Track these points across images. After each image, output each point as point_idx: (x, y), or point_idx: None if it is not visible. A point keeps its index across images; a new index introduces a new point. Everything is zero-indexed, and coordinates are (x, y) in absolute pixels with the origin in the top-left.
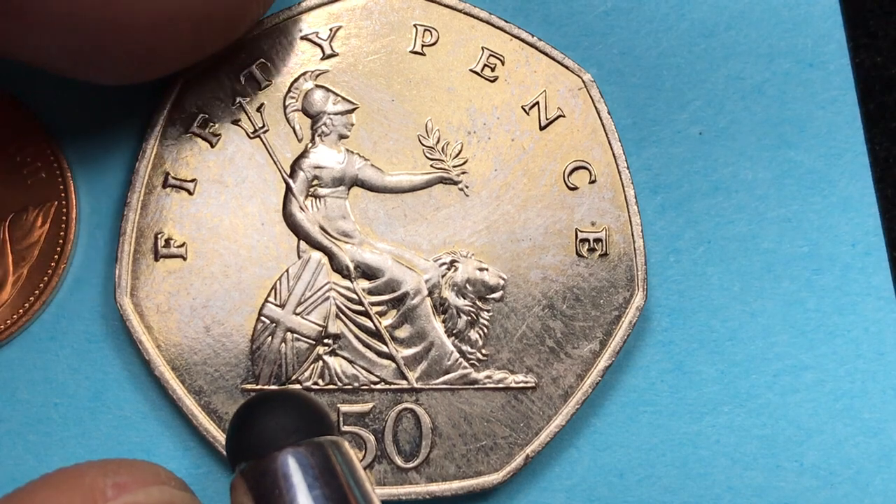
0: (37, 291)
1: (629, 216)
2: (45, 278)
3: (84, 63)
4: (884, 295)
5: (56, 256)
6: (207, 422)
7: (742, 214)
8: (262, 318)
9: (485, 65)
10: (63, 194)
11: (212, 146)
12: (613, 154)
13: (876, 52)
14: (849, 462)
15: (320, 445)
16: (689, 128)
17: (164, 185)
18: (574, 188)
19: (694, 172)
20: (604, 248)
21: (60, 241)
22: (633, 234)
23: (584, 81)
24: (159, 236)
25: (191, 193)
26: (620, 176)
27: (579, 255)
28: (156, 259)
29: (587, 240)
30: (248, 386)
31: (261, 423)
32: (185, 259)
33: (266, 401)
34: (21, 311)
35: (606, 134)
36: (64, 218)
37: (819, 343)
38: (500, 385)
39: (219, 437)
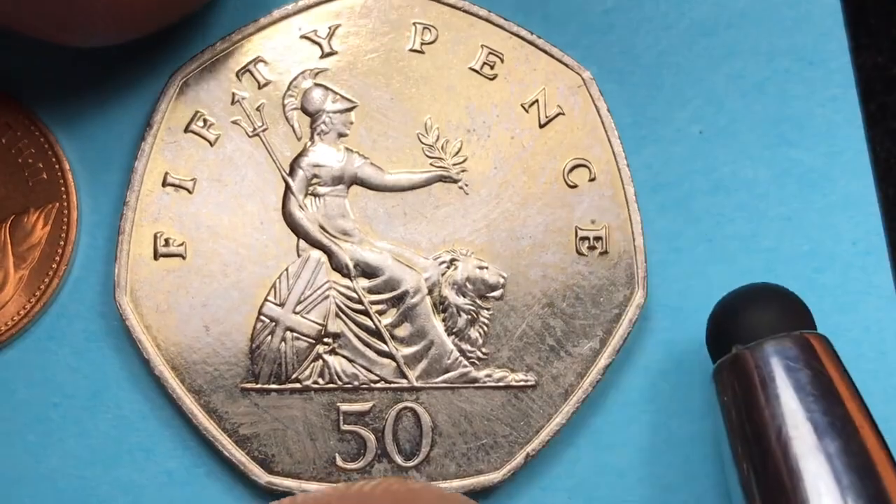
0: (37, 293)
1: (629, 214)
2: (46, 280)
3: (51, 20)
4: (885, 294)
5: (57, 258)
6: (207, 421)
7: (742, 213)
8: (262, 317)
9: (484, 63)
10: (64, 196)
11: (211, 145)
12: (613, 152)
13: (877, 53)
14: None
15: (803, 338)
16: (689, 126)
17: (164, 184)
18: (574, 186)
19: (694, 171)
20: (604, 246)
21: (61, 243)
22: (633, 232)
23: (583, 79)
24: (158, 235)
25: (190, 192)
26: (620, 174)
27: (579, 253)
28: (155, 258)
29: (587, 238)
30: (248, 385)
31: (747, 314)
32: (184, 258)
33: (752, 295)
34: (22, 312)
35: (606, 132)
36: (65, 219)
37: None
38: (501, 383)
39: (218, 436)
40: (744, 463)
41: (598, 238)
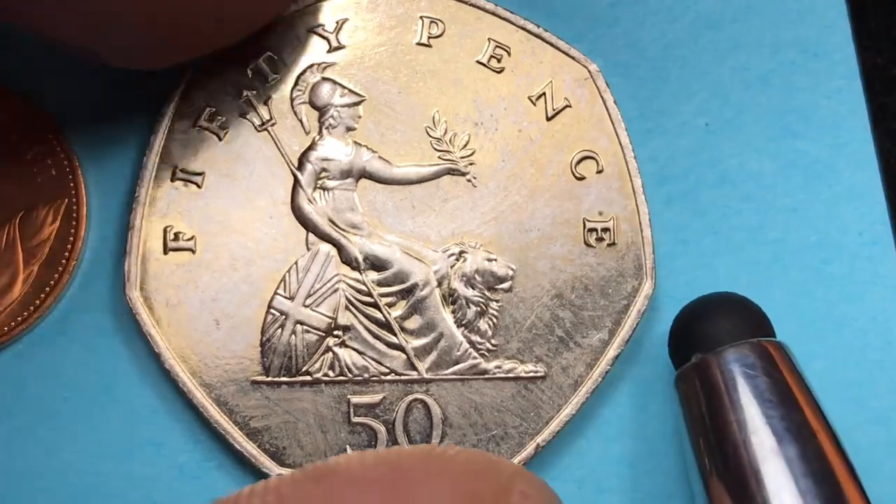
0: (47, 288)
1: (636, 205)
2: (56, 275)
3: (103, 38)
4: (891, 283)
5: (66, 253)
6: (218, 414)
7: (749, 204)
8: (272, 311)
9: (491, 56)
10: (73, 191)
11: (220, 139)
12: (620, 144)
13: (877, 53)
14: (857, 450)
15: (760, 345)
16: (695, 119)
17: (173, 178)
18: (581, 178)
19: (700, 163)
20: (612, 238)
21: (71, 238)
22: (640, 223)
23: (590, 72)
24: (168, 230)
25: (199, 187)
26: (627, 165)
27: (587, 244)
28: (165, 252)
29: (595, 229)
30: (259, 378)
31: (709, 323)
32: (193, 252)
33: (712, 304)
34: (31, 308)
35: (613, 124)
36: (74, 215)
37: (827, 332)
38: (510, 375)
39: (229, 429)
40: (707, 466)
41: (605, 229)
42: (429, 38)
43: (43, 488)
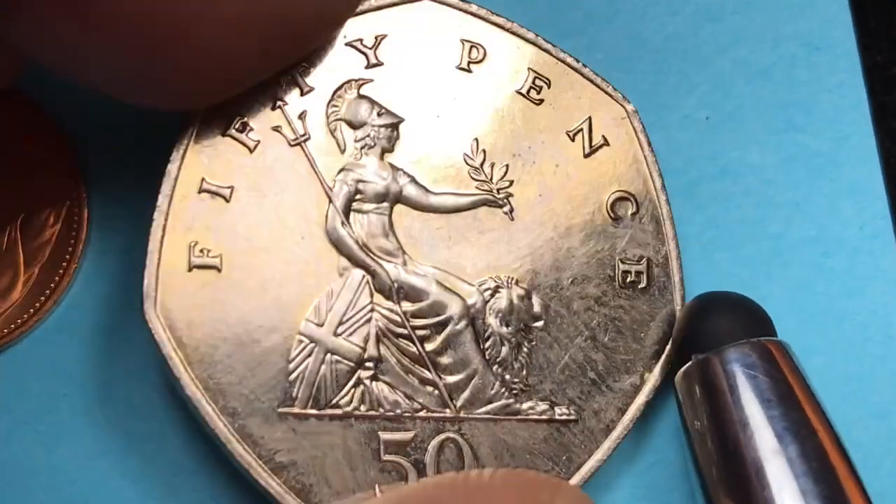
0: (48, 291)
1: (669, 250)
2: (57, 278)
3: (153, 75)
4: (891, 278)
5: (68, 256)
6: (242, 447)
7: (750, 199)
8: (301, 338)
9: (531, 87)
10: (75, 194)
11: (250, 152)
12: (655, 187)
13: (876, 52)
14: (858, 445)
15: (761, 344)
16: (696, 112)
17: (200, 190)
18: (617, 218)
19: (701, 157)
20: (644, 281)
21: (72, 241)
22: (672, 269)
23: (627, 111)
24: (193, 245)
25: (227, 201)
26: (661, 209)
27: (621, 286)
28: (189, 270)
29: (629, 271)
30: (286, 409)
31: (710, 322)
32: (219, 271)
33: (713, 304)
34: (32, 310)
35: (648, 166)
36: (76, 218)
37: (827, 327)
38: (543, 417)
39: (253, 462)
40: (708, 465)
41: (639, 272)
42: (469, 63)
43: (44, 486)
